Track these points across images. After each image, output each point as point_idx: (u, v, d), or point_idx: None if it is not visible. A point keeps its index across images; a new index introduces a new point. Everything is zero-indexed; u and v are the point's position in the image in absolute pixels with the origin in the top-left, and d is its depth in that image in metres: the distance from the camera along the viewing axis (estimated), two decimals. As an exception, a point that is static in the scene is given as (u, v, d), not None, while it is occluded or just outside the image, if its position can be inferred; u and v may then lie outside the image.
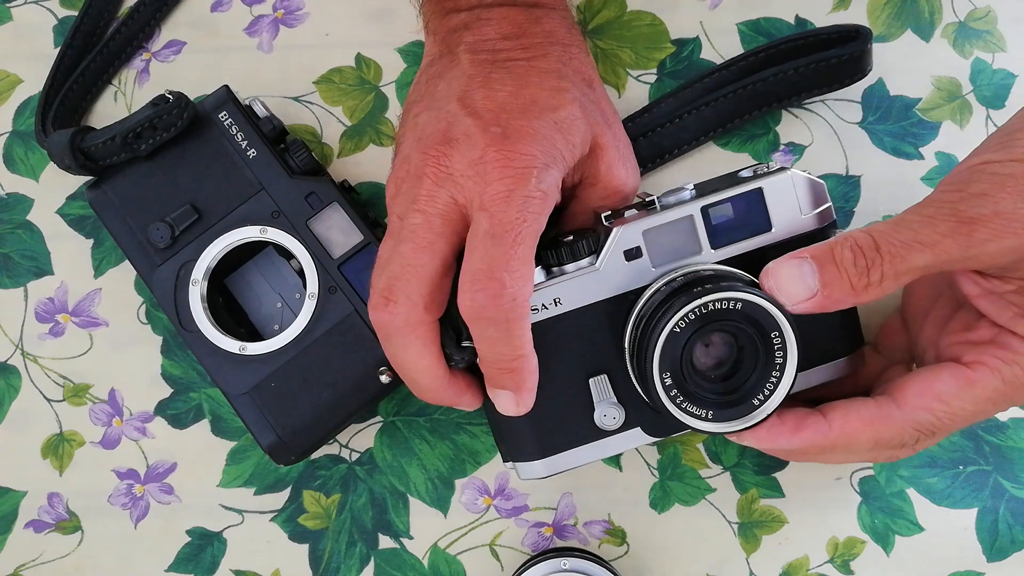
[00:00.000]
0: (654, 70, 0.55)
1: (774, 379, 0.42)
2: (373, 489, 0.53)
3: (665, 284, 0.43)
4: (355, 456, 0.53)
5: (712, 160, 0.54)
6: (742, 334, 0.42)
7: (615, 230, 0.44)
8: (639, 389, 0.44)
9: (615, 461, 0.52)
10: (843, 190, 0.54)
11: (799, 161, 0.54)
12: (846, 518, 0.52)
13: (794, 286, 0.41)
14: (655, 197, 0.45)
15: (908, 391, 0.43)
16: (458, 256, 0.44)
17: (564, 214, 0.49)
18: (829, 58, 0.52)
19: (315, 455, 0.53)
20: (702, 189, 0.45)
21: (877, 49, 0.54)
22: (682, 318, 0.41)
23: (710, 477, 0.52)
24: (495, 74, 0.45)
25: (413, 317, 0.43)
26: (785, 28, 0.55)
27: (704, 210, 0.44)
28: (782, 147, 0.54)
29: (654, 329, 0.41)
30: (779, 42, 0.53)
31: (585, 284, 0.44)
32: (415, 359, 0.44)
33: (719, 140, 0.54)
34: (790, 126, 0.54)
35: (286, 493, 0.53)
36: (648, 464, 0.52)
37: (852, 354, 0.46)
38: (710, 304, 0.40)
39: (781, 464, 0.52)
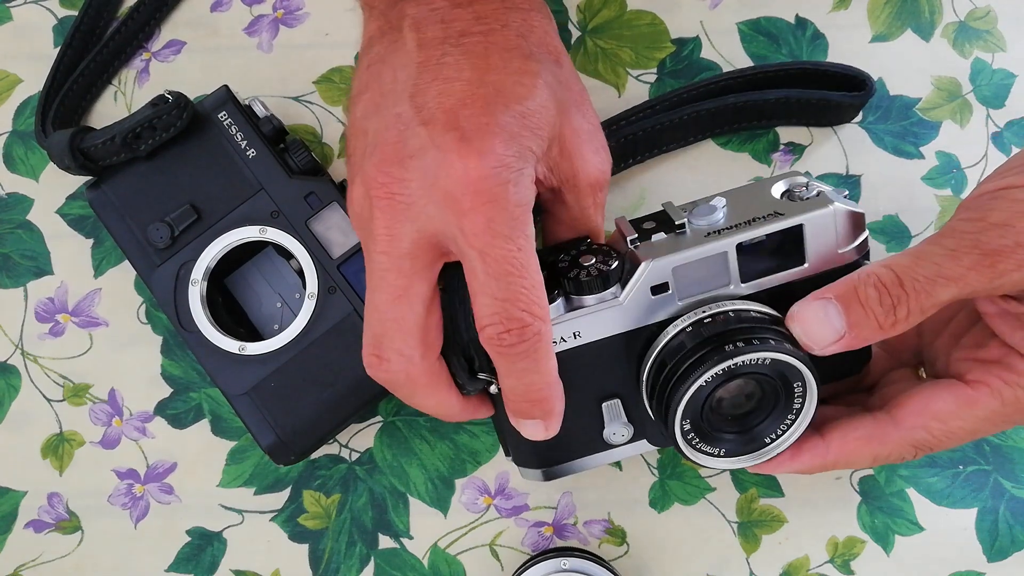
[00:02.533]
0: (654, 70, 0.55)
1: (789, 421, 0.42)
2: (373, 489, 0.53)
3: (691, 325, 0.41)
4: (355, 456, 0.53)
5: (712, 159, 0.54)
6: (766, 382, 0.41)
7: (644, 264, 0.41)
8: (652, 417, 0.43)
9: (615, 461, 0.52)
10: (843, 190, 0.53)
11: (799, 161, 0.54)
12: (846, 518, 0.51)
13: (821, 330, 0.40)
14: (685, 219, 0.42)
15: (906, 408, 0.43)
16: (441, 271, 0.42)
17: (548, 217, 0.46)
18: (832, 99, 0.52)
19: (315, 455, 0.53)
20: (734, 206, 0.42)
21: (878, 48, 0.54)
22: (711, 375, 0.40)
23: (710, 476, 0.52)
24: (448, 57, 0.39)
25: (412, 369, 0.41)
26: (785, 28, 0.55)
27: (739, 246, 0.41)
28: (782, 147, 0.54)
29: (680, 382, 0.40)
30: (788, 66, 0.53)
31: (606, 318, 0.42)
32: (425, 401, 0.43)
33: (719, 139, 0.54)
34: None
35: (286, 493, 0.53)
36: (648, 464, 0.52)
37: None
38: (740, 362, 0.39)
39: (781, 464, 0.52)
